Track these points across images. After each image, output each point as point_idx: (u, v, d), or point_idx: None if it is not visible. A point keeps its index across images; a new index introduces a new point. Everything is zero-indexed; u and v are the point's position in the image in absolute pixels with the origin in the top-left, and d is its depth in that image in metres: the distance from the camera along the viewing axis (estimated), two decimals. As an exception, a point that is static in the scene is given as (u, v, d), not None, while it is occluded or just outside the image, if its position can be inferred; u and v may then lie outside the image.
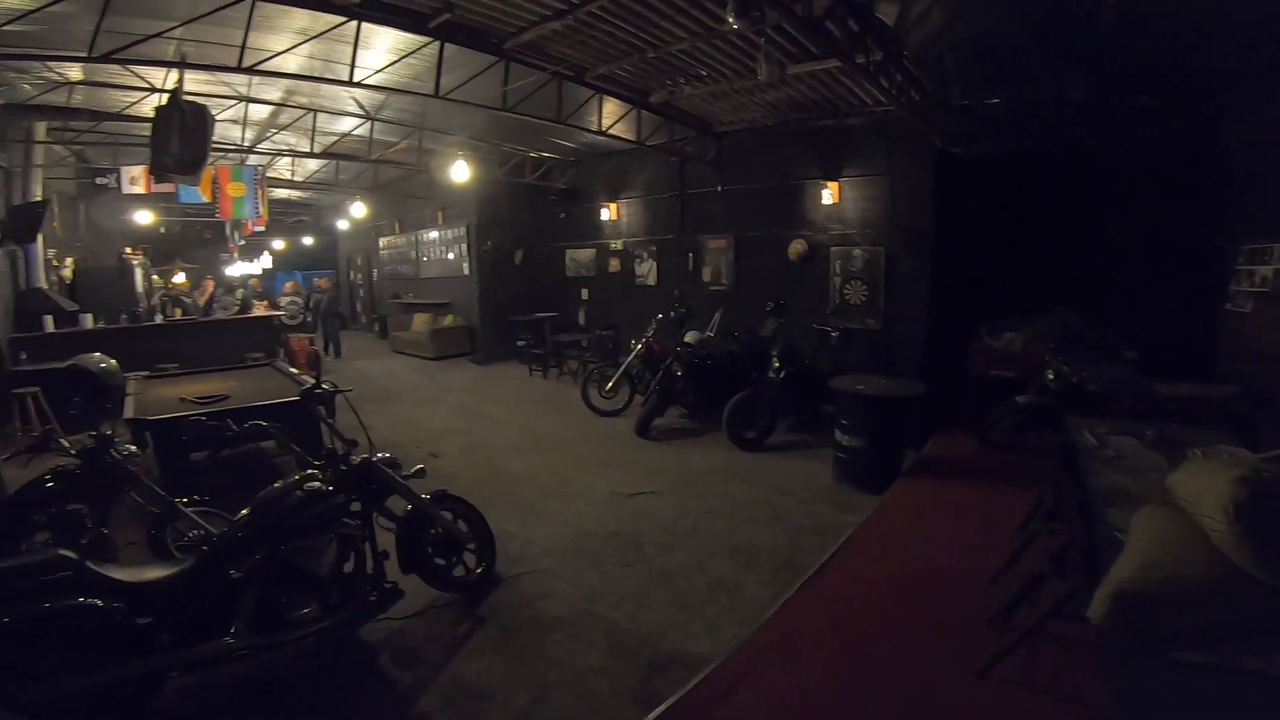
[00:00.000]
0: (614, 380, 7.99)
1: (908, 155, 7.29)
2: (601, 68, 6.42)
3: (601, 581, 4.02)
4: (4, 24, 4.64)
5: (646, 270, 10.61)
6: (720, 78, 6.68)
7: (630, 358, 7.97)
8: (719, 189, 9.25)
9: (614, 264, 11.20)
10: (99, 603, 2.54)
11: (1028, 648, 2.90)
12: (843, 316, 7.84)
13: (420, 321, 13.66)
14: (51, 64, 6.40)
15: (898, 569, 4.03)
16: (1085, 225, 6.87)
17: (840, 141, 7.92)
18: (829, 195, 8.00)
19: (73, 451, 3.65)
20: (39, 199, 8.37)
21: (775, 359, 6.79)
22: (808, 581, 3.89)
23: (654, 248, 10.48)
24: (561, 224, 12.22)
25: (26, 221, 7.66)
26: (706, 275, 9.59)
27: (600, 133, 8.09)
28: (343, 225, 17.38)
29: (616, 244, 11.16)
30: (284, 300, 12.80)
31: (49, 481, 3.55)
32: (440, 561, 3.74)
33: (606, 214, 11.14)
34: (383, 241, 16.60)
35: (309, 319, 13.18)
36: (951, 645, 3.19)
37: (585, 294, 11.85)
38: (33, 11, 4.63)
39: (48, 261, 9.27)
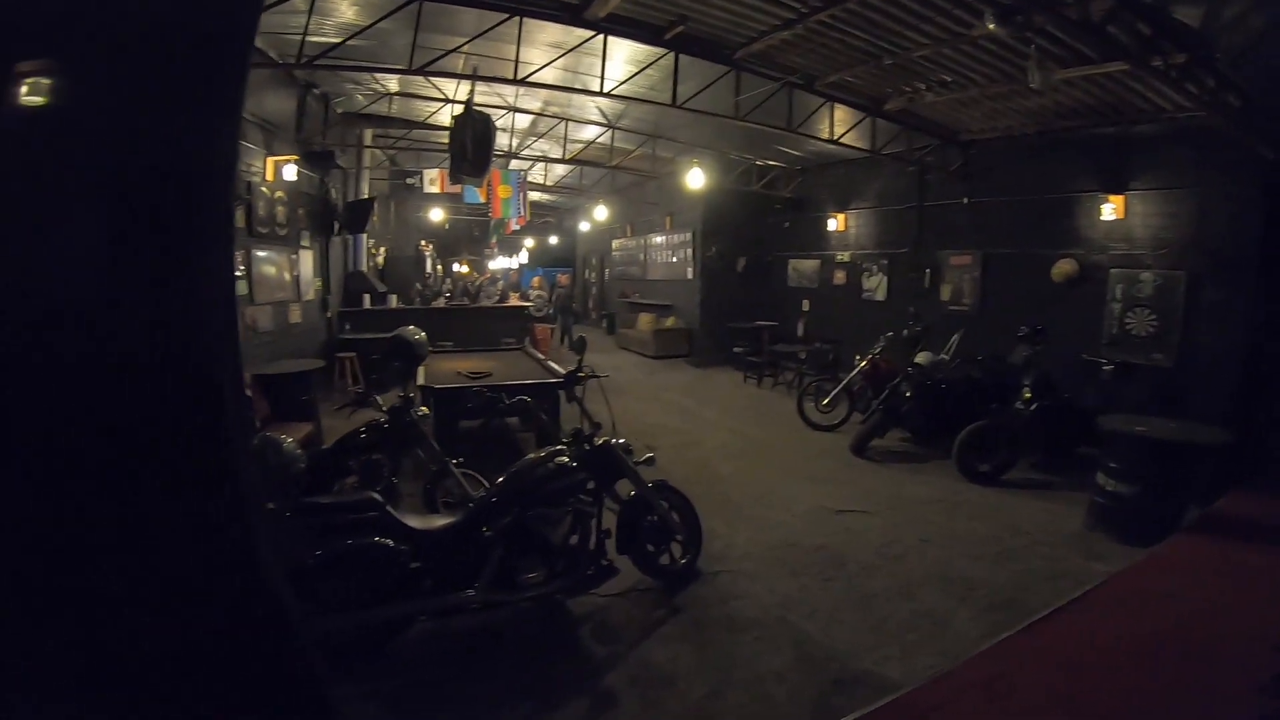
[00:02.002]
0: (832, 395, 7.76)
1: (1222, 168, 6.03)
2: (833, 75, 6.29)
3: (798, 592, 3.96)
4: (347, 39, 5.78)
5: (875, 285, 10.10)
6: (969, 84, 6.16)
7: (853, 374, 7.66)
8: (965, 201, 8.51)
9: (839, 276, 10.85)
10: (391, 544, 2.94)
11: None
12: (1121, 348, 6.74)
13: (644, 321, 14.45)
14: (378, 76, 7.89)
15: (1153, 626, 3.42)
16: None
17: (1126, 151, 6.82)
18: (1111, 211, 6.89)
19: (384, 409, 4.33)
20: (367, 196, 10.45)
21: (1026, 389, 6.07)
22: (1035, 624, 3.46)
23: (885, 261, 9.93)
24: (785, 233, 12.13)
25: (358, 215, 9.60)
26: (945, 293, 8.85)
27: (831, 141, 7.92)
28: (583, 227, 19.05)
29: (843, 256, 10.79)
30: (532, 293, 14.44)
31: (363, 433, 4.24)
32: (651, 548, 3.90)
33: (833, 224, 10.83)
34: (615, 243, 17.85)
35: (551, 311, 14.69)
36: (1203, 709, 2.69)
37: (806, 305, 11.64)
38: (367, 27, 5.65)
39: (368, 250, 11.56)
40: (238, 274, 6.42)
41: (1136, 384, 6.47)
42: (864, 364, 7.53)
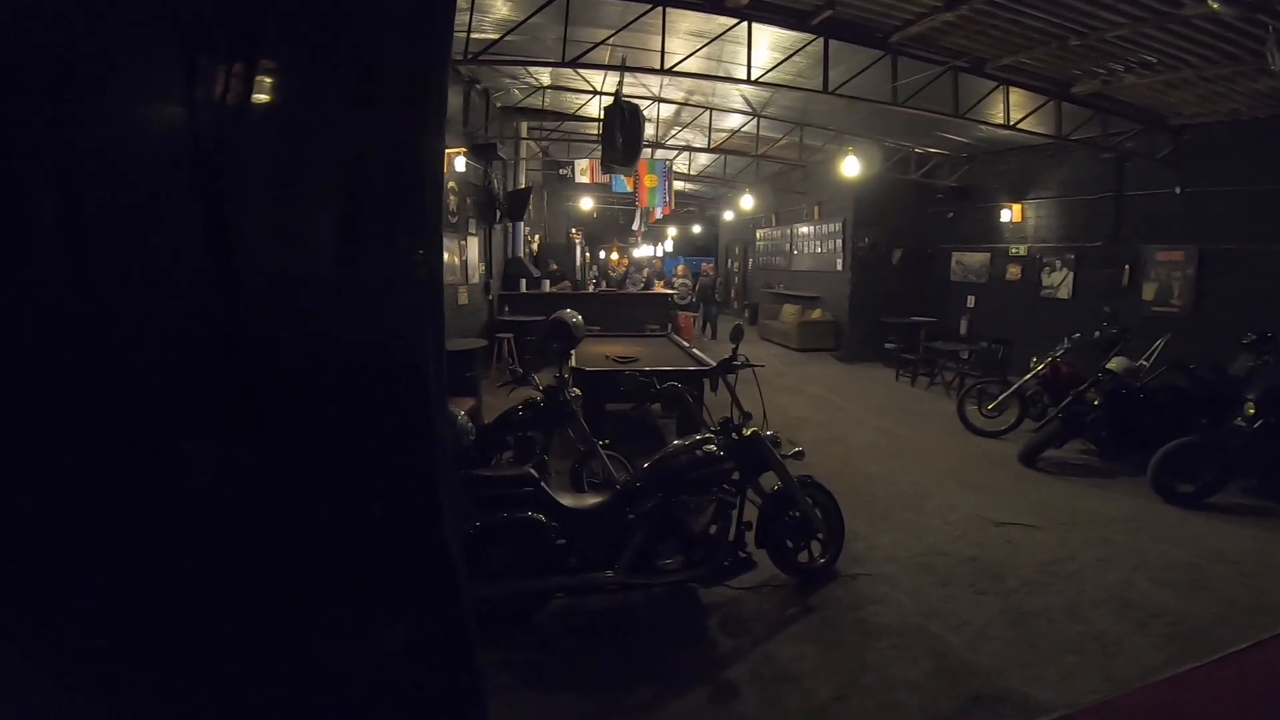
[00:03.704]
0: (1000, 398, 7.10)
1: None
2: (1007, 58, 5.72)
3: (945, 602, 3.68)
4: (505, 35, 6.08)
5: (1058, 281, 9.13)
6: (1180, 65, 5.33)
7: (1027, 376, 6.95)
8: (1176, 191, 7.47)
9: (1012, 271, 9.94)
10: (543, 519, 3.08)
11: None
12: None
13: (788, 312, 14.12)
14: (532, 70, 8.25)
15: None
16: None
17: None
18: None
19: (540, 388, 4.53)
20: (525, 186, 11.08)
21: (1250, 404, 5.17)
22: (1228, 657, 3.00)
23: (1071, 256, 8.96)
24: (948, 224, 11.32)
25: (518, 204, 10.22)
26: (1149, 293, 7.82)
27: (1008, 126, 7.18)
28: (727, 216, 18.93)
29: (1019, 249, 9.87)
30: (676, 281, 14.60)
31: (520, 411, 4.46)
32: (790, 544, 3.80)
33: (1007, 215, 9.94)
34: (759, 233, 17.55)
35: (694, 299, 14.77)
36: None
37: (971, 301, 10.80)
38: (521, 22, 5.90)
39: (525, 237, 12.29)
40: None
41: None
42: (1042, 367, 6.81)
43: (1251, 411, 5.18)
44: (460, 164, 7.97)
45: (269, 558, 1.26)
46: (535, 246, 13.82)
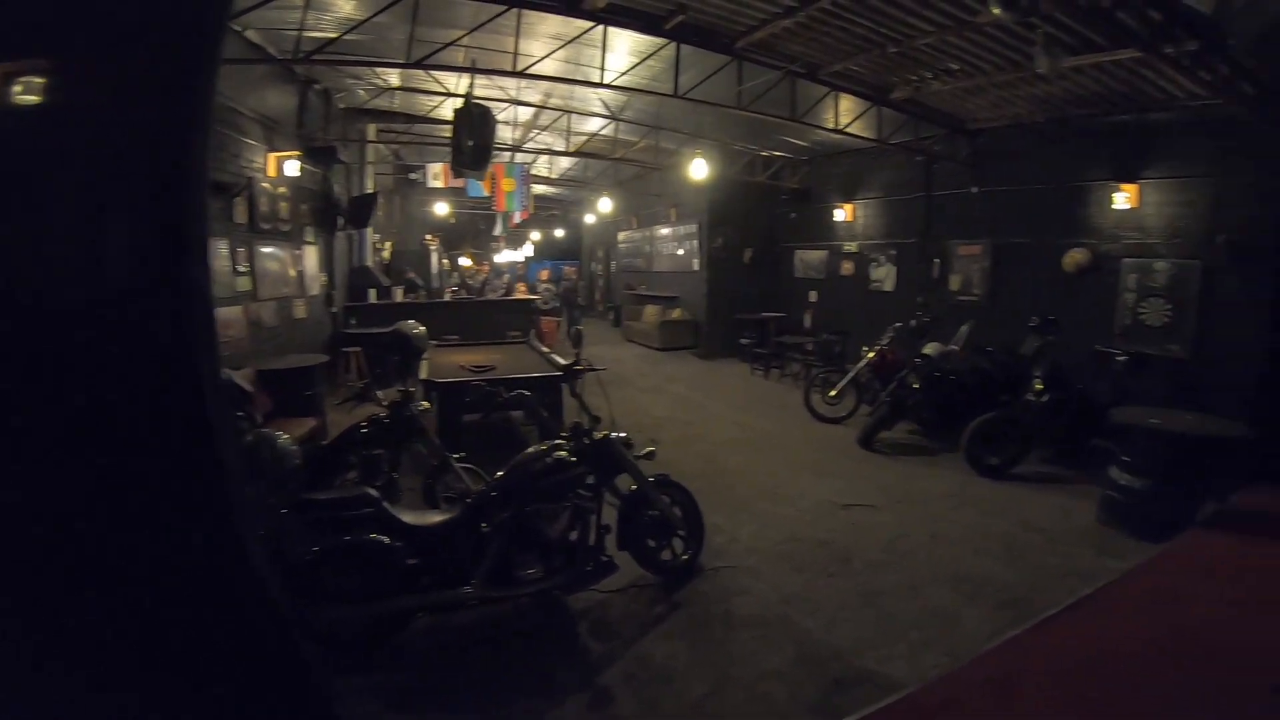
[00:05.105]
0: (839, 387, 7.68)
1: (1241, 155, 5.91)
2: (836, 64, 6.20)
3: (801, 589, 3.91)
4: (344, 34, 5.74)
5: (883, 275, 10.01)
6: (976, 71, 6.06)
7: (860, 365, 7.57)
8: (973, 190, 8.41)
9: (846, 267, 10.75)
10: (387, 540, 2.96)
11: None
12: (1135, 339, 6.63)
13: (650, 313, 14.42)
14: (378, 70, 7.84)
15: (1166, 624, 3.38)
16: None
17: (1140, 139, 6.69)
18: (1124, 199, 6.77)
19: (384, 404, 4.32)
20: (371, 191, 10.43)
21: (1038, 381, 5.96)
22: (1045, 621, 3.42)
23: (893, 252, 9.84)
24: (792, 224, 12.05)
25: (362, 210, 9.57)
26: (954, 284, 8.74)
27: (836, 130, 7.82)
28: (588, 220, 19.01)
29: (850, 246, 10.70)
30: (541, 286, 14.43)
31: (364, 428, 4.22)
32: (652, 543, 3.86)
33: (840, 215, 10.74)
34: (620, 235, 17.77)
35: (557, 304, 14.67)
36: (1218, 709, 2.67)
37: (813, 296, 11.55)
38: (363, 21, 5.60)
39: (373, 244, 11.55)
40: (241, 271, 6.43)
41: (1151, 376, 6.36)
42: (871, 355, 7.44)
43: (1039, 387, 5.97)
44: (293, 168, 7.32)
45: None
46: (387, 254, 13.06)
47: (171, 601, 1.28)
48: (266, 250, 7.02)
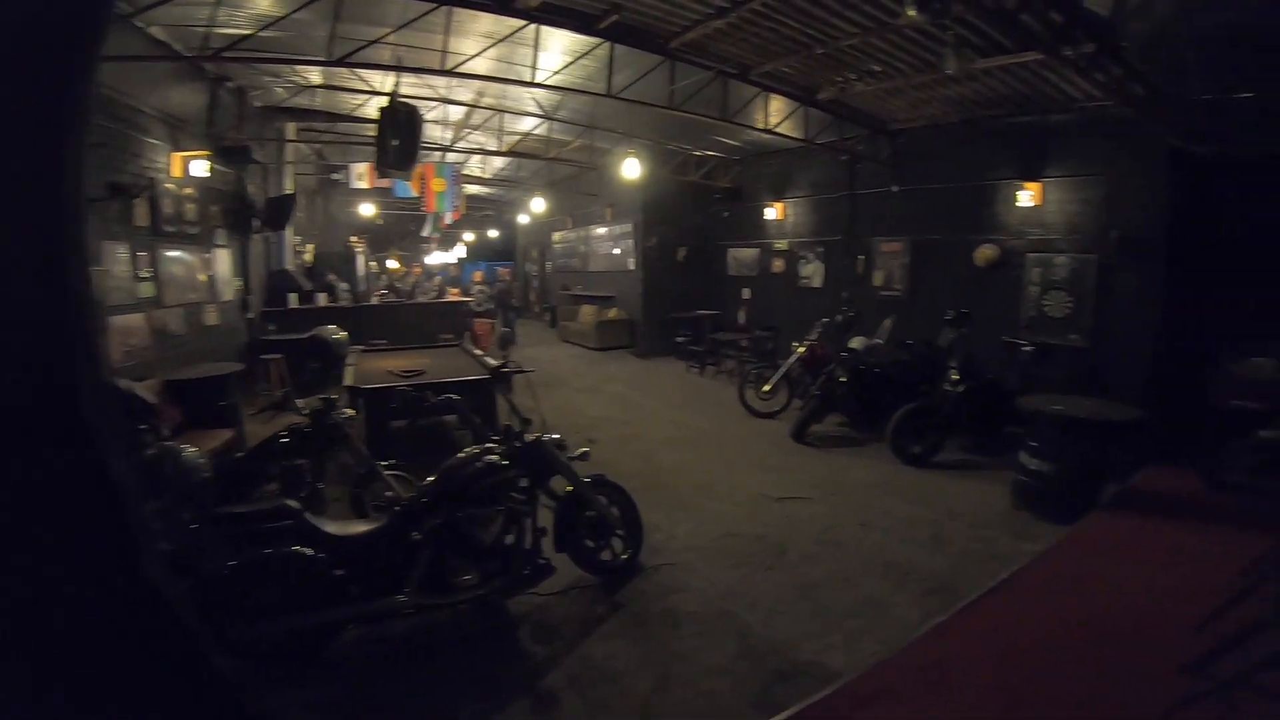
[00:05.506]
0: (772, 382, 7.86)
1: (1131, 155, 6.38)
2: (766, 65, 6.34)
3: (739, 583, 3.98)
4: (259, 30, 5.49)
5: (812, 272, 10.30)
6: (896, 73, 6.32)
7: (791, 360, 7.78)
8: (893, 189, 8.75)
9: (777, 264, 11.01)
10: (309, 552, 2.90)
11: (1227, 699, 2.54)
12: (1039, 330, 7.06)
13: (586, 313, 14.36)
14: (297, 68, 7.53)
15: (1079, 605, 3.60)
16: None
17: (1042, 139, 7.12)
18: (1028, 197, 7.20)
19: (305, 412, 4.15)
20: (289, 192, 9.96)
21: (953, 371, 6.28)
22: (968, 607, 3.60)
23: (820, 249, 10.13)
24: (725, 223, 12.24)
25: (280, 211, 9.13)
26: (878, 280, 9.09)
27: (766, 130, 7.98)
28: (523, 220, 18.76)
29: (781, 244, 10.96)
30: (474, 288, 14.14)
31: (284, 438, 4.06)
32: (590, 544, 3.88)
33: (771, 213, 10.97)
34: (556, 236, 17.64)
35: (492, 306, 14.42)
36: (1132, 689, 2.83)
37: (746, 294, 11.78)
38: (281, 18, 5.38)
39: (293, 247, 11.03)
40: (144, 276, 6.03)
41: (1055, 364, 6.78)
42: (801, 350, 7.65)
43: (955, 378, 6.29)
44: (200, 168, 6.92)
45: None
46: (309, 257, 12.50)
47: (56, 620, 1.21)
48: (172, 254, 6.62)
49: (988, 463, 6.21)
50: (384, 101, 6.12)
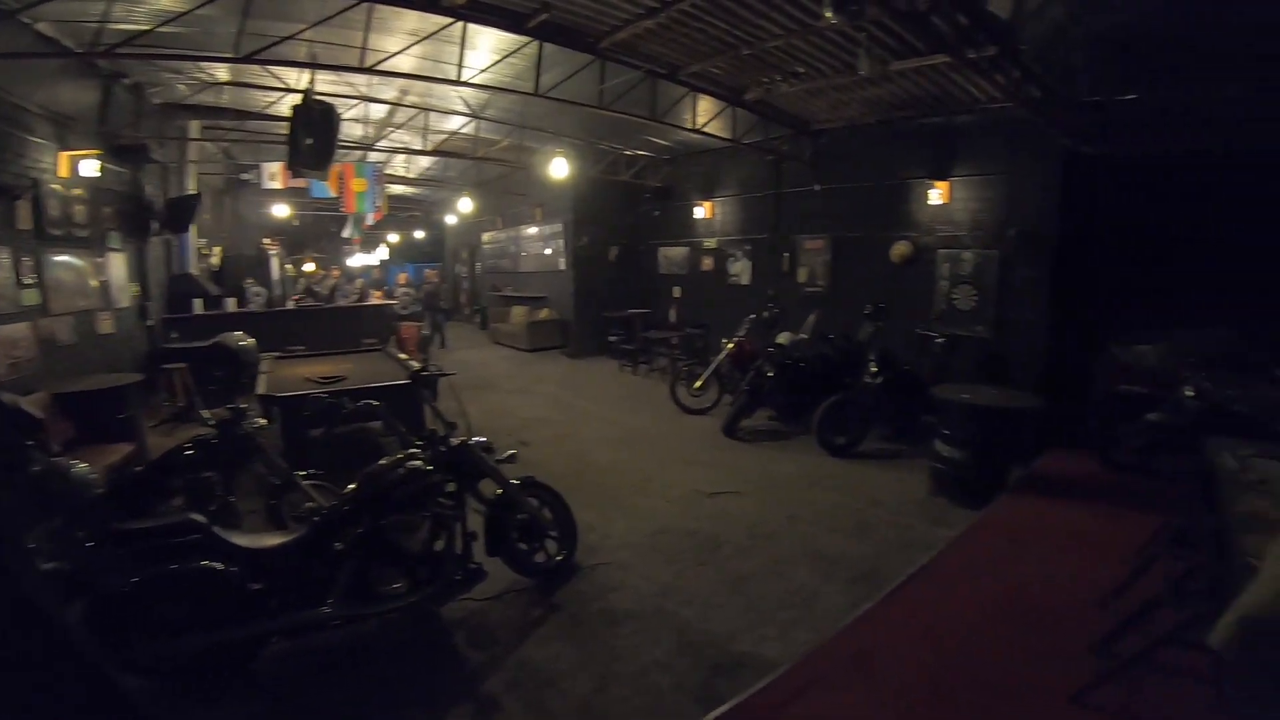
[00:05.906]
0: (703, 379, 7.99)
1: (1029, 155, 6.80)
2: (695, 65, 6.40)
3: (675, 579, 4.03)
4: (158, 26, 5.14)
5: (740, 270, 10.51)
6: (818, 75, 6.51)
7: (720, 357, 7.92)
8: (816, 188, 9.02)
9: (707, 263, 11.18)
10: (220, 566, 2.78)
11: (1132, 677, 2.71)
12: (948, 323, 7.45)
13: (518, 314, 14.19)
14: (202, 65, 7.10)
15: (992, 588, 3.81)
16: (1242, 235, 6.10)
17: (950, 140, 7.50)
18: (937, 195, 7.59)
19: (211, 423, 3.94)
20: (192, 192, 9.36)
21: (872, 364, 6.55)
22: (891, 594, 3.76)
23: (748, 247, 10.35)
24: (655, 222, 12.33)
25: (181, 213, 8.57)
26: (802, 276, 9.36)
27: (694, 130, 8.09)
28: (450, 220, 18.33)
29: (710, 242, 11.12)
30: (399, 291, 13.71)
31: (189, 450, 3.83)
32: (523, 546, 3.85)
33: (700, 212, 11.12)
34: (485, 236, 17.33)
35: (419, 308, 14.04)
36: (1046, 670, 2.99)
37: (677, 292, 11.90)
38: (184, 13, 5.07)
39: (198, 250, 10.37)
40: (28, 282, 5.55)
41: (964, 355, 7.19)
42: (730, 347, 7.80)
43: (874, 370, 6.56)
44: (91, 168, 6.42)
45: None
46: (217, 260, 11.78)
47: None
48: (59, 258, 6.11)
49: (907, 451, 6.52)
50: (297, 99, 5.84)
